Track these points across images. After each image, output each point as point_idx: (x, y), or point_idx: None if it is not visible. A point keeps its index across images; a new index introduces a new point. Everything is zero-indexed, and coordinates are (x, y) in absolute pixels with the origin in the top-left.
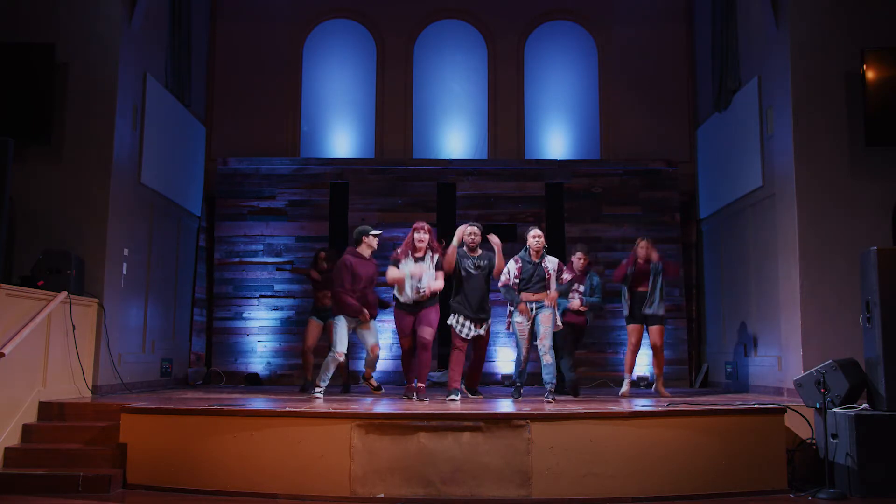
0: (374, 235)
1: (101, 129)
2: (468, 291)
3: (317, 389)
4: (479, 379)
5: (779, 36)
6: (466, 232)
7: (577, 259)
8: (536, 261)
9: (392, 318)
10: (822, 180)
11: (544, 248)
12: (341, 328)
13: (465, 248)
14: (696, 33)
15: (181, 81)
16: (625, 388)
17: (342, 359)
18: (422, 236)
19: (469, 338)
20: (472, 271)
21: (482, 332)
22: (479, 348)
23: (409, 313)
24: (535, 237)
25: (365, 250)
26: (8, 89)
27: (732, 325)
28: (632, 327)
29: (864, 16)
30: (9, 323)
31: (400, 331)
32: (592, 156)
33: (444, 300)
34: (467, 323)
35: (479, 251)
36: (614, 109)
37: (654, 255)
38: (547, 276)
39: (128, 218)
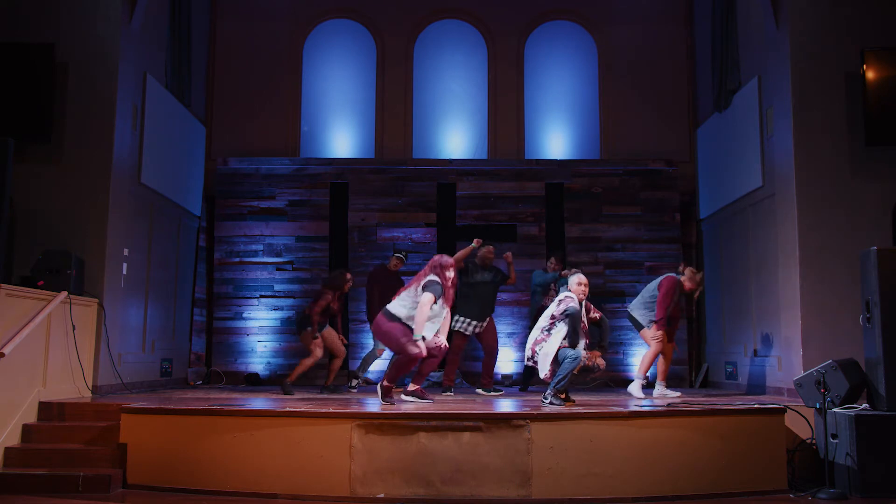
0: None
1: (101, 129)
2: (476, 297)
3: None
4: (493, 373)
5: (779, 36)
6: (486, 250)
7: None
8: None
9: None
10: (822, 180)
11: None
12: None
13: (478, 261)
14: (696, 33)
15: (181, 81)
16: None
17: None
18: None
19: (471, 333)
20: (484, 279)
21: (486, 324)
22: (491, 340)
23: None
24: (580, 285)
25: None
26: (8, 89)
27: (732, 325)
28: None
29: (864, 16)
30: (9, 323)
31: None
32: (592, 156)
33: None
34: (473, 322)
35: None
36: (614, 109)
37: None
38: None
39: (128, 218)
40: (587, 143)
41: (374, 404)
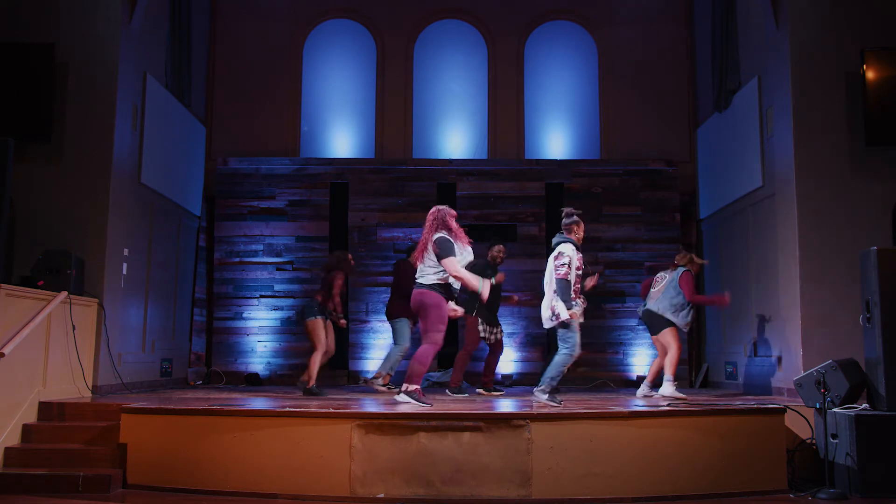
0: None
1: (101, 129)
2: (492, 300)
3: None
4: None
5: (779, 36)
6: (497, 250)
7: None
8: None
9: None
10: (822, 180)
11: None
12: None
13: (489, 260)
14: (696, 33)
15: (181, 81)
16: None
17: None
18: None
19: (493, 340)
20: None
21: (500, 334)
22: (499, 349)
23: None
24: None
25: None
26: (8, 89)
27: (732, 325)
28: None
29: (864, 16)
30: (9, 323)
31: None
32: (592, 156)
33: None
34: (489, 327)
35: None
36: (614, 109)
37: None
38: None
39: (128, 218)
40: (587, 143)
41: (373, 404)
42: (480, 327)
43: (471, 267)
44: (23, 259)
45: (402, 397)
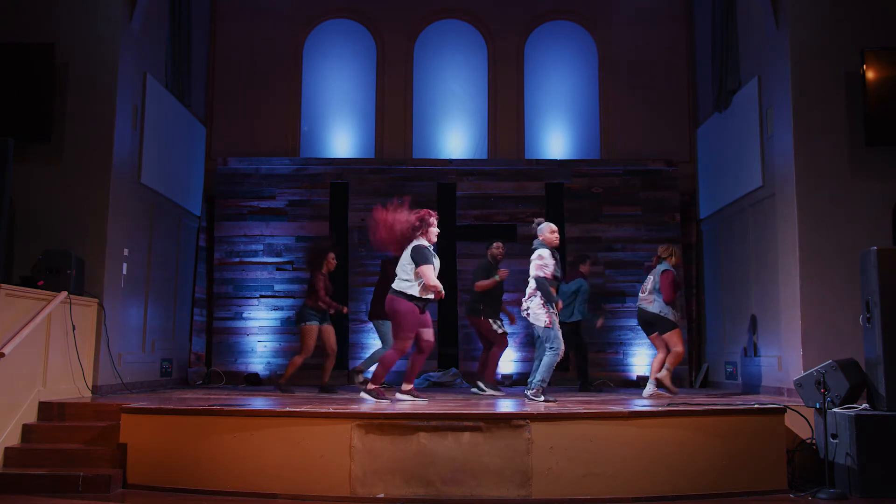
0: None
1: (101, 129)
2: (497, 296)
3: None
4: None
5: (779, 36)
6: (496, 247)
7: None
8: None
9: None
10: (822, 180)
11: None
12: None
13: (490, 259)
14: (696, 33)
15: (181, 81)
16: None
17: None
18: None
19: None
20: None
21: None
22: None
23: (422, 311)
24: (553, 233)
25: None
26: (8, 89)
27: (732, 325)
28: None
29: (864, 16)
30: (9, 323)
31: (418, 325)
32: (592, 156)
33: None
34: (498, 322)
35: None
36: (614, 109)
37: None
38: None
39: (128, 218)
40: (587, 143)
41: (374, 404)
42: (494, 325)
43: (487, 268)
44: (23, 259)
45: (364, 395)
